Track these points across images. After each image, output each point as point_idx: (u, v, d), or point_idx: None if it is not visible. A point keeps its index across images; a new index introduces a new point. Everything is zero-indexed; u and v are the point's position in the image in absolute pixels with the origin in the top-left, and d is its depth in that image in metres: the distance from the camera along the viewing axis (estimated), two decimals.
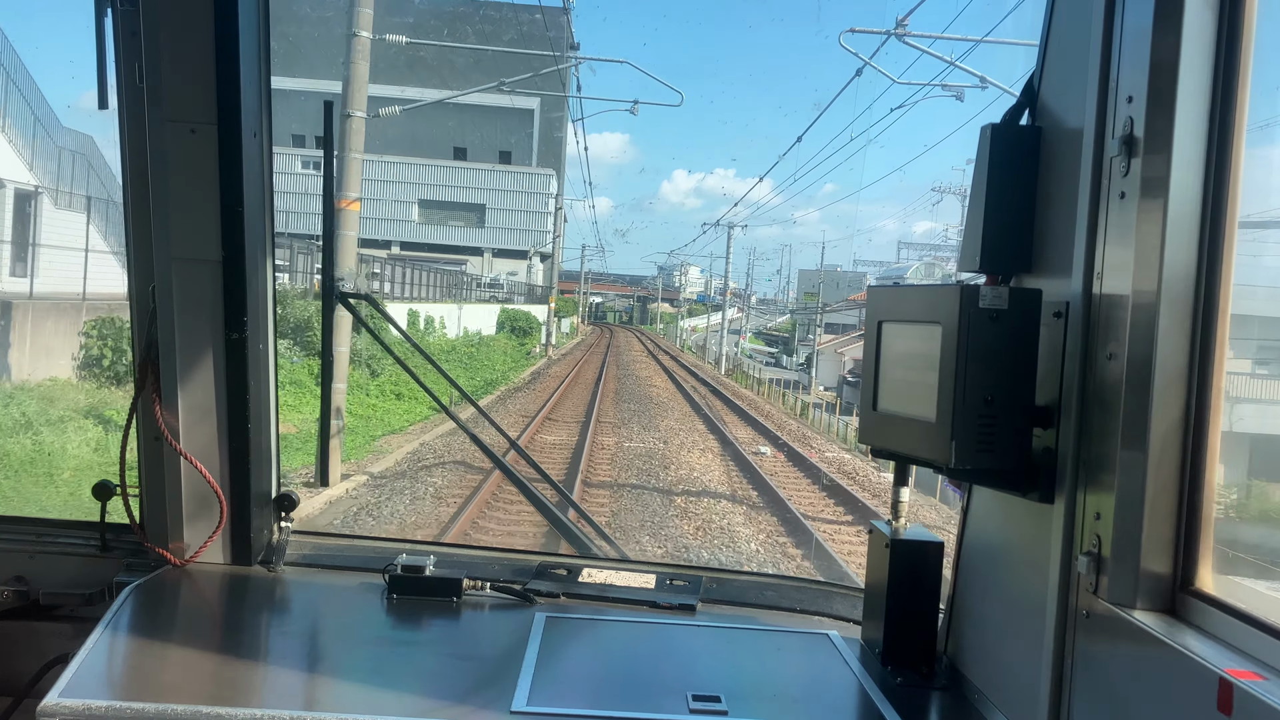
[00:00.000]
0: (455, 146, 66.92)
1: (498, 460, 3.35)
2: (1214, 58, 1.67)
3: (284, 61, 43.38)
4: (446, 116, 60.20)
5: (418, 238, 62.66)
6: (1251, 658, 1.51)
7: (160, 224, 2.57)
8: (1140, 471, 1.70)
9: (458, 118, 62.28)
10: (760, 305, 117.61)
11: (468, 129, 65.11)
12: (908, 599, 2.33)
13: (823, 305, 63.02)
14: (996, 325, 1.86)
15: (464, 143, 66.84)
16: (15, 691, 2.64)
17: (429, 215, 64.59)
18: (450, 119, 62.08)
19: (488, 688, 2.14)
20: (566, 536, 3.23)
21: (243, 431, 2.72)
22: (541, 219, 64.55)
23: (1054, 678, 1.85)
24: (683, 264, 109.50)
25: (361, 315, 3.30)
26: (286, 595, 2.71)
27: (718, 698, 2.11)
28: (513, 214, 65.32)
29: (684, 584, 2.84)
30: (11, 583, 2.75)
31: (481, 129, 65.83)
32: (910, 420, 2.05)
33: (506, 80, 22.51)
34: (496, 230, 65.08)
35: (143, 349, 2.68)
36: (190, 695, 1.98)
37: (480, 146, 66.87)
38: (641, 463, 18.81)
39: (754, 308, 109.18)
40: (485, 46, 37.29)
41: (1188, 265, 1.68)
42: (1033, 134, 2.03)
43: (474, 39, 52.75)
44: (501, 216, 65.26)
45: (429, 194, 64.72)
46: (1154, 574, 1.71)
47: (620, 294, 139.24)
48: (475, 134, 66.02)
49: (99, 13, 2.51)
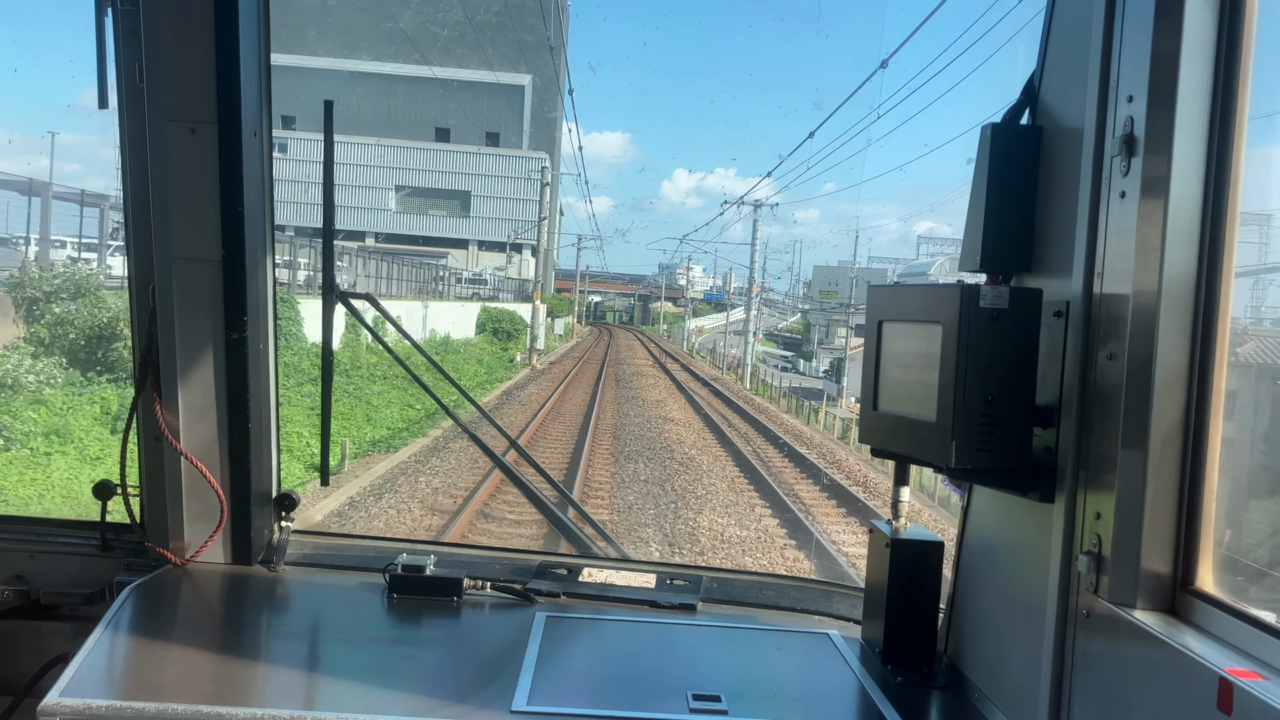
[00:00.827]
0: (437, 127, 60.35)
1: (498, 460, 3.35)
2: (1214, 57, 1.67)
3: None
4: (427, 93, 54.18)
5: (396, 228, 56.44)
6: (1251, 657, 1.51)
7: (160, 223, 2.58)
8: (1140, 471, 1.70)
9: (440, 95, 56.07)
10: (768, 305, 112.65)
11: (451, 107, 58.81)
12: (908, 598, 2.33)
13: (850, 303, 55.68)
14: (997, 325, 1.86)
15: (447, 123, 60.26)
16: (16, 691, 2.64)
17: (408, 203, 58.44)
18: (432, 96, 55.80)
19: (488, 687, 2.14)
20: (567, 536, 3.23)
21: (243, 431, 2.72)
22: (533, 208, 56.07)
23: (1054, 677, 1.85)
24: (689, 259, 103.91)
25: (361, 314, 3.30)
26: (287, 595, 2.71)
27: (718, 697, 2.11)
28: (501, 202, 59.05)
29: (684, 583, 2.84)
30: (12, 582, 2.75)
31: (466, 107, 59.16)
32: (911, 420, 2.05)
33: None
34: (483, 220, 59.19)
35: (143, 348, 2.68)
36: (191, 695, 1.98)
37: (465, 127, 60.20)
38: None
39: (765, 306, 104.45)
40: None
41: (1188, 265, 1.68)
42: (1033, 134, 2.03)
43: (459, 10, 48.14)
44: (489, 205, 59.04)
45: (408, 179, 58.43)
46: (1154, 573, 1.71)
47: (620, 292, 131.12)
48: (459, 113, 59.21)
49: (99, 12, 2.51)
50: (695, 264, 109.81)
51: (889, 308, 2.21)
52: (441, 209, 60.10)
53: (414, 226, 57.95)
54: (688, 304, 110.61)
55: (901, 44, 41.48)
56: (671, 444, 20.45)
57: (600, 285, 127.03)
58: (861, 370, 2.37)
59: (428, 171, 59.73)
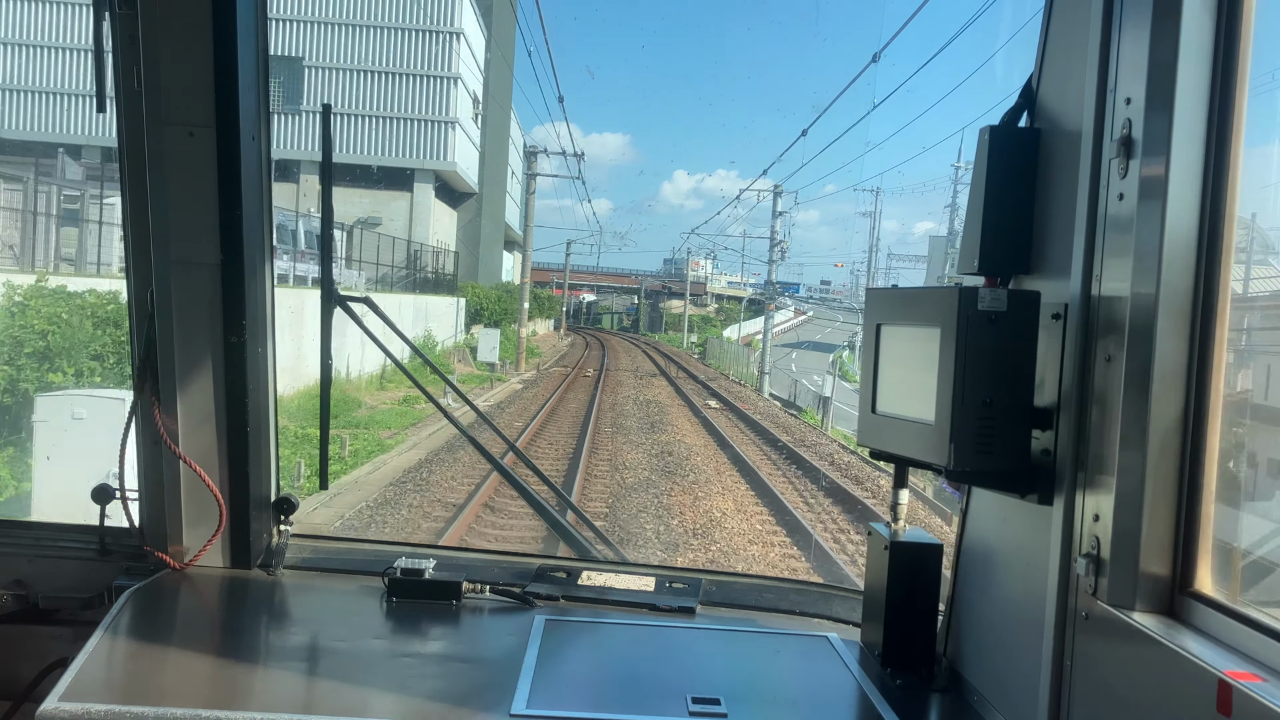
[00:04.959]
0: None
1: (496, 463, 3.35)
2: (1212, 59, 1.67)
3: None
4: None
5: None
6: (1251, 659, 1.51)
7: (159, 227, 2.57)
8: (1139, 473, 1.70)
9: None
10: (814, 303, 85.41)
11: None
12: (907, 601, 2.33)
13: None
14: (995, 327, 1.87)
15: None
16: (14, 696, 2.64)
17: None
18: None
19: (487, 691, 2.13)
20: (566, 539, 3.23)
21: (242, 435, 2.71)
22: (446, 100, 34.06)
23: (1053, 680, 1.85)
24: (712, 251, 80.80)
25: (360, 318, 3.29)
26: (286, 599, 2.71)
27: (717, 700, 2.11)
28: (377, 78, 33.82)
29: (683, 586, 2.84)
30: (11, 587, 2.75)
31: None
32: (909, 422, 2.05)
33: None
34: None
35: (141, 352, 2.68)
36: (190, 699, 1.98)
37: None
38: None
39: (810, 305, 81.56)
40: None
41: (1186, 266, 1.68)
42: (1031, 136, 2.04)
43: None
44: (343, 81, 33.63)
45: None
46: (1153, 575, 1.71)
47: (624, 286, 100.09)
48: None
49: (97, 16, 2.51)
50: (704, 259, 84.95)
51: (887, 310, 2.21)
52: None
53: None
54: (708, 303, 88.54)
55: (893, 36, 40.26)
56: None
57: (593, 278, 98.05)
58: (860, 373, 2.37)
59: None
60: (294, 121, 36.41)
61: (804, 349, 61.22)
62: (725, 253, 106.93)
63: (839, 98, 42.91)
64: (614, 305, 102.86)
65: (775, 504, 15.42)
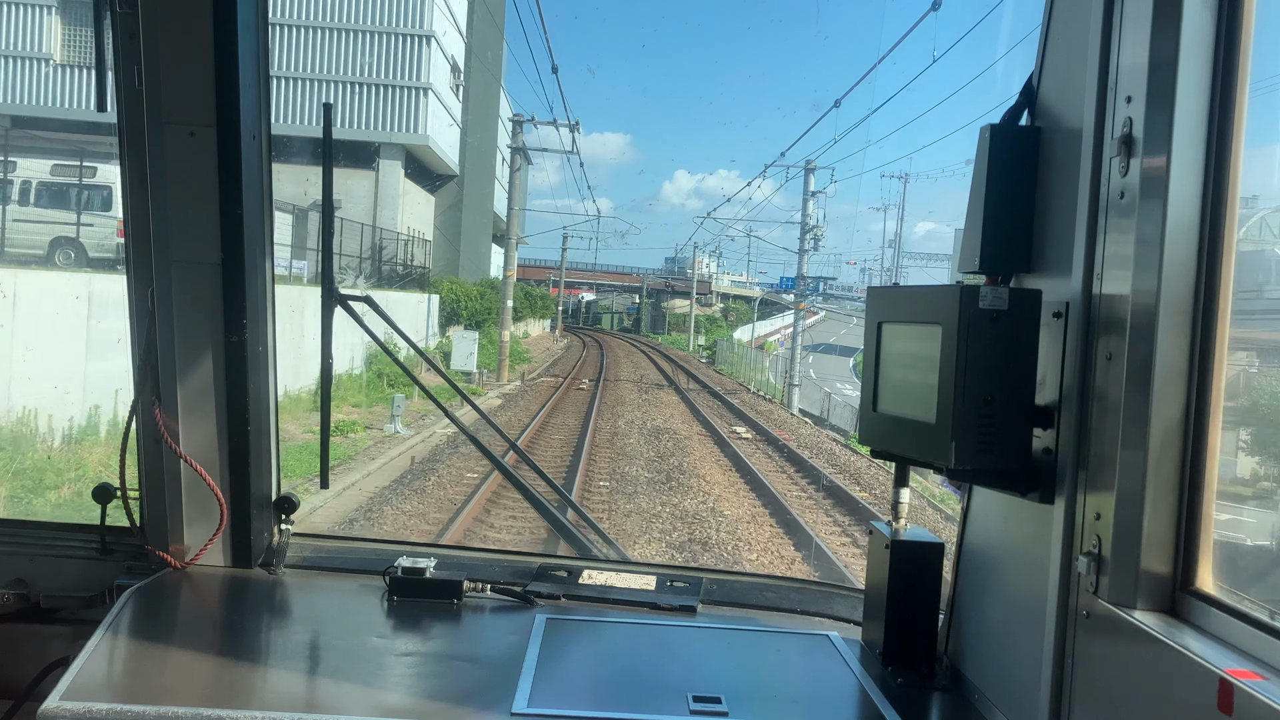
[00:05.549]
0: None
1: (498, 462, 3.35)
2: (1213, 57, 1.67)
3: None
4: None
5: (63, 98, 27.86)
6: (1252, 657, 1.51)
7: (159, 227, 2.58)
8: (1140, 471, 1.70)
9: None
10: (828, 303, 76.68)
11: None
12: (908, 600, 2.33)
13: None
14: (996, 326, 1.87)
15: None
16: (16, 695, 2.64)
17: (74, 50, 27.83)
18: None
19: (488, 690, 2.13)
20: (567, 538, 3.23)
21: (243, 434, 2.72)
22: (418, 62, 30.70)
23: (1054, 678, 1.85)
24: (717, 248, 76.77)
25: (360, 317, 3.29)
26: (287, 598, 2.71)
27: (718, 699, 2.11)
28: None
29: (684, 585, 2.84)
30: (12, 586, 2.75)
31: None
32: (910, 421, 2.05)
33: None
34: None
35: (141, 352, 2.68)
36: (191, 698, 1.98)
37: None
38: None
39: (826, 304, 73.23)
40: None
41: (1187, 265, 1.68)
42: (1032, 134, 2.04)
43: None
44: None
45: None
46: (1154, 574, 1.71)
47: (624, 284, 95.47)
48: None
49: (98, 15, 2.51)
50: (708, 257, 79.96)
51: (888, 309, 2.21)
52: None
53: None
54: (716, 301, 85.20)
55: (897, 43, 39.65)
56: None
57: (592, 276, 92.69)
58: (861, 373, 2.37)
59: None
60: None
61: (820, 352, 52.37)
62: (736, 245, 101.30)
63: (896, 48, 39.38)
64: (614, 305, 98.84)
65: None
